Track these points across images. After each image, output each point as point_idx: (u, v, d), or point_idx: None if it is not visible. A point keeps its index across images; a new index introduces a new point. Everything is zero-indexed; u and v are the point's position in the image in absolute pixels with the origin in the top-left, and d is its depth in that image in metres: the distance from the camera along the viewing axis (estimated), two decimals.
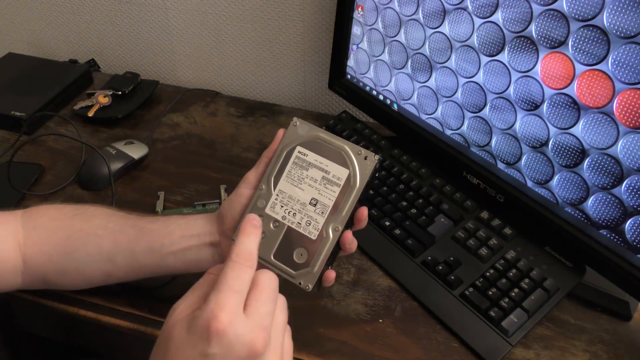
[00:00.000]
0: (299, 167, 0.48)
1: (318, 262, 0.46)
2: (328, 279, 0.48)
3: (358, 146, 0.47)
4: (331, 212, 0.47)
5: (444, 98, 0.70)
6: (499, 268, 0.62)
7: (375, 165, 0.47)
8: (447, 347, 0.57)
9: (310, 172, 0.48)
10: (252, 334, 0.36)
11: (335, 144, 0.48)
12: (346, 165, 0.47)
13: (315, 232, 0.47)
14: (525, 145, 0.62)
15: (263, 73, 1.01)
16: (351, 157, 0.47)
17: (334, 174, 0.47)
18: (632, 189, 0.53)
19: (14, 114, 0.86)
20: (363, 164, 0.47)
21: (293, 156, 0.49)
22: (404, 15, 0.71)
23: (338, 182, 0.47)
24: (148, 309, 0.60)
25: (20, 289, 0.56)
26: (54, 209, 0.57)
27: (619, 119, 0.52)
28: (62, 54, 1.11)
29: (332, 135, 0.48)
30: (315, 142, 0.48)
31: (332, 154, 0.48)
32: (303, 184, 0.48)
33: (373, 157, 0.47)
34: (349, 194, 0.47)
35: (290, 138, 0.49)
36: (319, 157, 0.48)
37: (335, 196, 0.47)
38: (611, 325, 0.60)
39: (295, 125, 0.49)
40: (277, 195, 0.48)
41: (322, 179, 0.47)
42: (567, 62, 0.55)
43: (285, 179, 0.48)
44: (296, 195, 0.48)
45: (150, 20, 1.01)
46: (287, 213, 0.48)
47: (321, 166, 0.48)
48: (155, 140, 0.88)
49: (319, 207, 0.47)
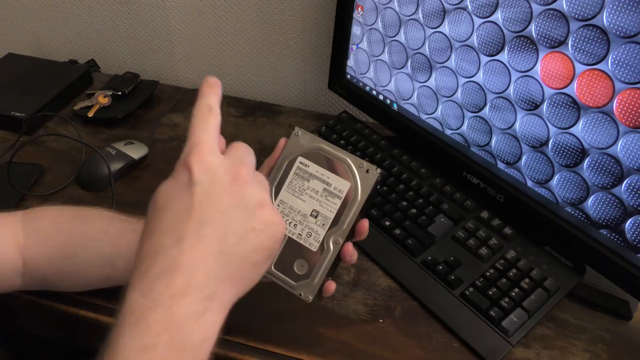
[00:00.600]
0: (300, 178, 0.48)
1: (319, 274, 0.46)
2: (328, 290, 0.48)
3: (360, 159, 0.47)
4: (332, 224, 0.47)
5: (444, 98, 0.70)
6: (499, 268, 0.62)
7: (377, 179, 0.46)
8: (448, 347, 0.57)
9: (312, 183, 0.48)
10: (233, 164, 0.40)
11: (337, 156, 0.47)
12: (348, 177, 0.47)
13: (316, 244, 0.47)
14: (525, 145, 0.62)
15: (263, 73, 1.01)
16: (353, 169, 0.47)
17: (336, 186, 0.47)
18: (632, 188, 0.53)
19: (14, 115, 0.86)
20: (365, 177, 0.46)
21: (294, 167, 0.48)
22: (404, 15, 0.71)
23: (339, 195, 0.47)
24: None
25: (20, 290, 0.56)
26: (55, 211, 0.57)
27: (619, 119, 0.52)
28: (62, 55, 1.11)
29: (334, 147, 0.48)
30: (317, 153, 0.48)
31: (334, 165, 0.47)
32: (304, 195, 0.48)
33: (375, 171, 0.46)
34: (350, 206, 0.46)
35: (291, 148, 0.49)
36: (321, 168, 0.48)
37: (337, 208, 0.47)
38: (611, 324, 0.60)
39: (297, 135, 0.49)
40: (278, 205, 0.48)
41: (324, 190, 0.47)
42: (567, 61, 0.55)
43: (286, 189, 0.48)
44: (297, 206, 0.48)
45: (150, 21, 1.01)
46: (288, 224, 0.48)
47: (322, 178, 0.47)
48: (155, 140, 0.88)
49: (319, 218, 0.47)
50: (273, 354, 0.56)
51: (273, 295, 0.49)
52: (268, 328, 0.58)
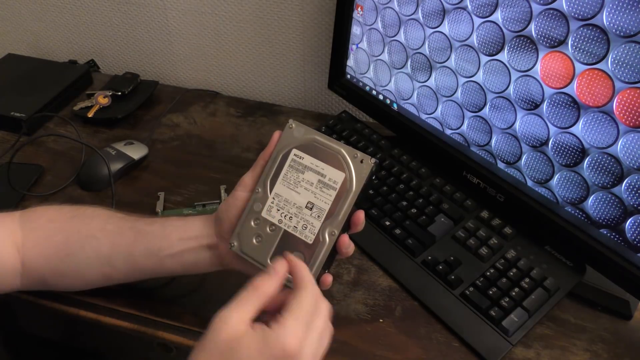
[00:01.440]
0: (295, 170, 0.48)
1: (314, 267, 0.46)
2: (325, 282, 0.48)
3: (354, 149, 0.47)
4: (327, 216, 0.46)
5: (444, 98, 0.70)
6: (499, 267, 0.62)
7: (372, 169, 0.46)
8: (448, 347, 0.57)
9: (306, 175, 0.47)
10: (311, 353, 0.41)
11: (331, 147, 0.47)
12: (342, 168, 0.47)
13: (312, 236, 0.47)
14: (525, 144, 0.62)
15: (263, 73, 1.01)
16: (347, 160, 0.47)
17: (330, 178, 0.47)
18: (632, 188, 0.53)
19: (13, 115, 0.86)
20: (359, 168, 0.46)
21: (289, 159, 0.48)
22: (404, 15, 0.71)
23: (334, 186, 0.47)
24: (149, 309, 0.60)
25: (19, 290, 0.56)
26: (52, 210, 0.57)
27: (618, 118, 0.52)
28: (62, 55, 1.11)
29: (328, 138, 0.48)
30: (312, 145, 0.48)
31: (328, 157, 0.47)
32: (299, 188, 0.48)
33: (369, 161, 0.46)
34: (345, 197, 0.46)
35: (286, 140, 0.49)
36: (315, 160, 0.47)
37: (332, 200, 0.47)
38: (612, 324, 0.60)
39: (291, 128, 0.49)
40: (273, 198, 0.48)
41: (318, 182, 0.47)
42: (567, 61, 0.54)
43: (281, 182, 0.48)
44: (292, 198, 0.48)
45: (150, 21, 1.01)
46: (283, 217, 0.48)
47: (317, 169, 0.47)
48: (155, 140, 0.88)
49: (315, 210, 0.47)
50: None
51: None
52: None
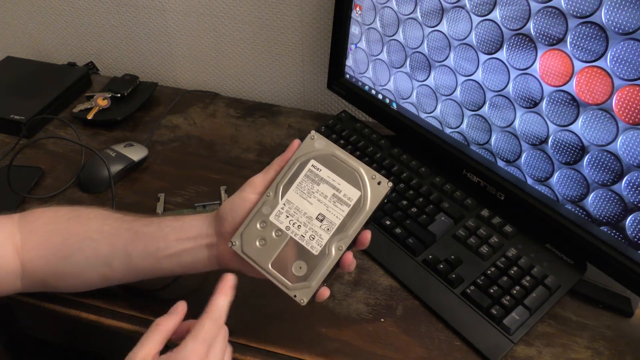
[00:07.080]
0: (310, 180, 0.48)
1: (316, 278, 0.46)
2: (322, 295, 0.48)
3: (373, 170, 0.48)
4: (337, 230, 0.47)
5: (443, 96, 0.70)
6: (500, 266, 0.62)
7: (387, 192, 0.47)
8: (449, 346, 0.57)
9: (322, 187, 0.48)
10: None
11: (350, 164, 0.48)
12: (359, 186, 0.47)
13: (318, 247, 0.47)
14: (525, 142, 0.62)
15: (262, 74, 1.01)
16: (365, 180, 0.47)
17: (345, 194, 0.47)
18: (632, 185, 0.53)
19: (13, 118, 0.86)
20: (376, 189, 0.47)
21: (306, 169, 0.48)
22: (402, 14, 0.71)
23: (348, 202, 0.47)
24: (149, 311, 0.60)
25: (20, 292, 0.56)
26: (50, 212, 0.57)
27: (618, 116, 0.52)
28: (61, 57, 1.11)
29: (348, 155, 0.48)
30: (330, 158, 0.48)
31: (346, 173, 0.48)
32: (312, 198, 0.48)
33: (387, 184, 0.47)
34: (358, 215, 0.47)
35: (305, 150, 0.49)
36: (333, 174, 0.48)
37: (344, 215, 0.47)
38: (613, 321, 0.60)
39: (312, 139, 0.49)
40: (284, 204, 0.48)
41: (333, 196, 0.47)
42: (566, 59, 0.54)
43: (294, 189, 0.48)
44: (304, 207, 0.48)
45: (149, 23, 1.01)
46: (291, 224, 0.48)
47: (333, 183, 0.48)
48: (155, 142, 0.88)
49: (325, 223, 0.47)
50: (274, 354, 0.56)
51: (274, 296, 0.49)
52: (269, 328, 0.58)
